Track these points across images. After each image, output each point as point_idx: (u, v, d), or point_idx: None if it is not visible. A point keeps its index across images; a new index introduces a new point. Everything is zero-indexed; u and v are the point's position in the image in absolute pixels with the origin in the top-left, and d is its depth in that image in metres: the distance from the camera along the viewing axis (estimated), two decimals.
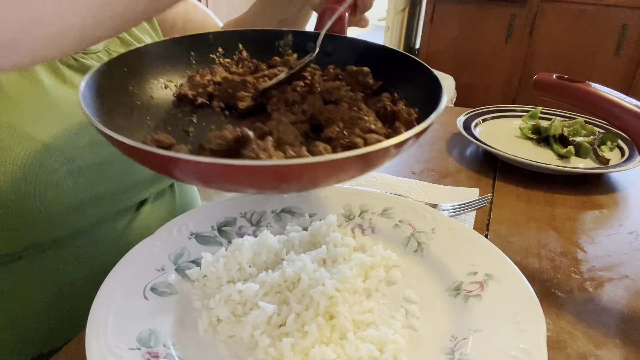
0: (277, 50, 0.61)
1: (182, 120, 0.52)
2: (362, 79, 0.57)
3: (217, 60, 0.58)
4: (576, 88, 0.55)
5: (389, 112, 0.51)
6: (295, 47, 0.61)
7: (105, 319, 0.44)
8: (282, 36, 0.61)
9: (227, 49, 0.58)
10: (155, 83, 0.53)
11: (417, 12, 3.50)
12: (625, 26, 2.56)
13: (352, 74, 0.57)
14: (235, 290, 0.48)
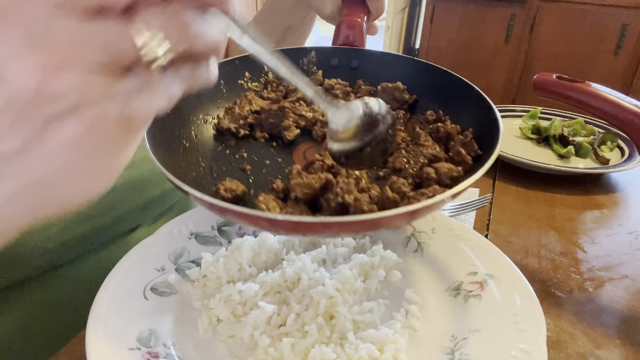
0: (302, 68, 0.61)
1: (232, 157, 0.51)
2: (398, 95, 0.56)
3: (245, 86, 0.58)
4: (576, 88, 0.55)
5: (443, 133, 0.50)
6: (320, 63, 0.61)
7: (105, 319, 0.44)
8: (306, 54, 0.61)
9: (253, 73, 0.58)
10: (195, 120, 0.52)
11: (416, 12, 3.50)
12: (625, 26, 2.56)
13: (387, 91, 0.56)
14: (235, 290, 0.48)
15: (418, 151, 0.47)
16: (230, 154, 0.51)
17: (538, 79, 0.58)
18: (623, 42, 2.60)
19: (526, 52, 2.85)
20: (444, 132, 0.50)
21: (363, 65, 0.61)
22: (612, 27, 2.60)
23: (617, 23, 2.58)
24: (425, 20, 3.07)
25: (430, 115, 0.54)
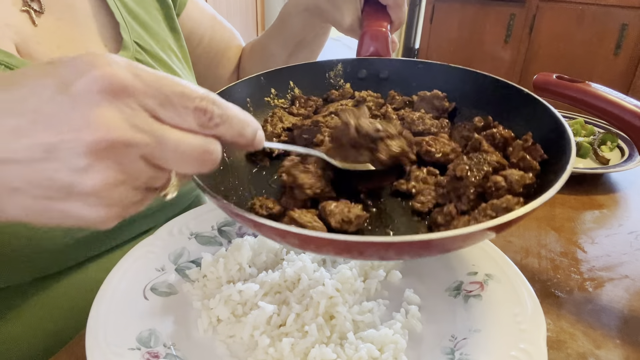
0: (329, 81, 0.59)
1: (270, 177, 0.50)
2: (438, 103, 0.54)
3: (272, 102, 0.56)
4: (576, 88, 0.55)
5: (500, 139, 0.47)
6: (347, 76, 0.59)
7: (105, 319, 0.44)
8: (332, 67, 0.59)
9: (279, 89, 0.57)
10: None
11: (416, 11, 3.50)
12: (625, 26, 2.56)
13: (426, 99, 0.55)
14: (235, 290, 0.48)
15: (481, 158, 0.44)
16: (267, 175, 0.50)
17: (538, 79, 0.58)
18: (623, 42, 2.60)
19: (526, 52, 2.85)
20: (501, 137, 0.47)
21: (393, 75, 0.59)
22: (612, 27, 2.60)
23: (616, 23, 2.58)
24: (425, 20, 3.07)
25: (479, 122, 0.50)
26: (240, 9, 3.59)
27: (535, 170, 0.43)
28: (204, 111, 0.30)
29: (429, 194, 0.44)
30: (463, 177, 0.42)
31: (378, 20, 0.62)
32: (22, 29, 0.55)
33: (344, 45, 3.29)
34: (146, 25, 0.67)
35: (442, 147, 0.48)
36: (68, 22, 0.60)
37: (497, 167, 0.44)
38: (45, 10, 0.57)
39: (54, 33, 0.58)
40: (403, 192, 0.45)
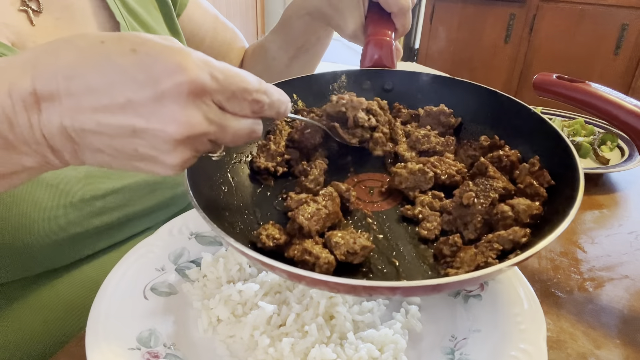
0: (333, 93, 0.57)
1: (274, 199, 0.49)
2: (444, 119, 0.53)
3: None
4: (576, 88, 0.55)
5: (507, 162, 0.46)
6: (351, 87, 0.58)
7: (105, 319, 0.44)
8: (336, 78, 0.58)
9: None
10: (229, 161, 0.50)
11: (416, 12, 3.50)
12: (625, 26, 2.56)
13: (432, 115, 0.54)
14: (235, 290, 0.48)
15: (488, 185, 0.43)
16: (272, 196, 0.50)
17: (538, 79, 0.58)
18: (623, 42, 2.60)
19: (526, 52, 2.85)
20: (508, 160, 0.46)
21: (397, 87, 0.58)
22: (612, 27, 2.60)
23: (616, 23, 2.58)
24: (425, 20, 3.07)
25: (485, 141, 0.50)
26: (240, 10, 3.59)
27: (543, 197, 0.42)
28: (258, 102, 0.36)
29: (434, 220, 0.44)
30: (470, 205, 0.42)
31: (382, 27, 0.61)
32: (20, 29, 0.55)
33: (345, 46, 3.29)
34: (146, 24, 0.67)
35: (448, 168, 0.48)
36: (66, 21, 0.59)
37: (503, 194, 0.43)
38: (43, 10, 0.57)
39: (52, 33, 0.58)
40: (409, 217, 0.45)
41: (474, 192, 0.43)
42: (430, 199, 0.46)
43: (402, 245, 0.43)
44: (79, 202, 0.54)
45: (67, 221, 0.54)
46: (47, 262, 0.55)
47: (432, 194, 0.47)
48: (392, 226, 0.45)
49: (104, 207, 0.57)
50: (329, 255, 0.39)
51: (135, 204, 0.62)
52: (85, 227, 0.56)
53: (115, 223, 0.60)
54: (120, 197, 0.59)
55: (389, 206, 0.47)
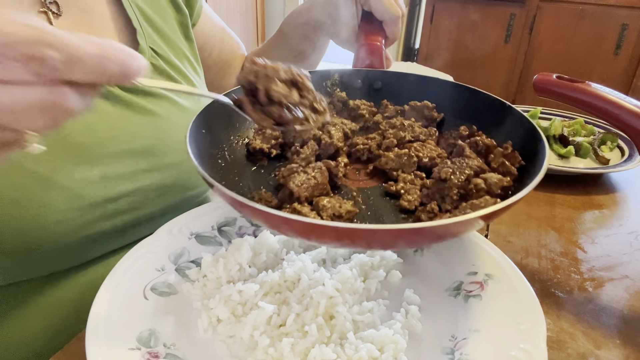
0: (325, 89, 0.63)
1: (268, 176, 0.53)
2: (427, 113, 0.58)
3: None
4: (576, 88, 0.55)
5: (482, 146, 0.51)
6: (343, 85, 0.63)
7: (105, 319, 0.44)
8: (329, 76, 0.63)
9: None
10: (227, 141, 0.54)
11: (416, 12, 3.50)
12: (625, 26, 2.56)
13: (416, 109, 0.59)
14: (235, 290, 0.48)
15: (464, 163, 0.48)
16: (265, 174, 0.53)
17: (538, 79, 0.58)
18: (623, 42, 2.60)
19: (526, 52, 2.85)
20: (483, 145, 0.51)
21: (386, 86, 0.63)
22: (612, 27, 2.60)
23: (616, 23, 2.58)
24: (425, 20, 3.07)
25: (464, 131, 0.55)
26: (241, 10, 3.58)
27: (513, 175, 0.47)
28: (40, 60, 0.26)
29: (414, 193, 0.48)
30: (447, 179, 0.46)
31: (374, 34, 0.66)
32: None
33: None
34: (162, 32, 0.68)
35: (429, 152, 0.52)
36: (85, 25, 0.60)
37: (478, 171, 0.48)
38: (63, 13, 0.58)
39: None
40: (392, 193, 0.49)
41: (451, 169, 0.47)
42: (412, 177, 0.50)
43: (385, 215, 0.47)
44: (92, 205, 0.55)
45: (80, 223, 0.54)
46: (58, 263, 0.56)
47: (414, 173, 0.51)
48: (376, 200, 0.49)
49: (116, 209, 0.58)
50: (316, 216, 0.42)
51: (146, 207, 0.62)
52: (97, 229, 0.56)
53: (126, 226, 0.61)
54: (132, 200, 0.59)
55: (374, 184, 0.52)
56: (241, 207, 0.36)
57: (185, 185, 0.67)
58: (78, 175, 0.53)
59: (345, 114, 0.62)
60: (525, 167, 0.48)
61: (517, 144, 0.50)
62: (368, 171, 0.54)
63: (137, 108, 0.60)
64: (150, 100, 0.62)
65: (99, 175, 0.55)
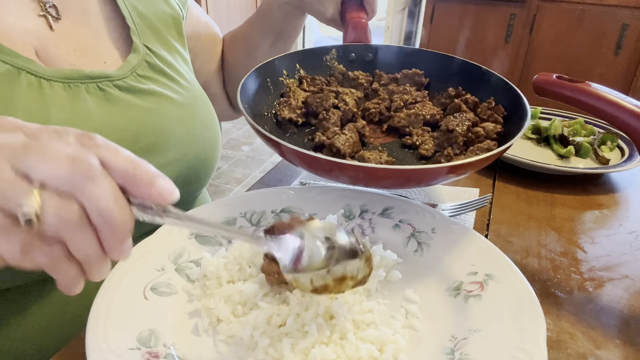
0: (325, 63, 0.73)
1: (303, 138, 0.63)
2: (417, 78, 0.71)
3: (285, 82, 0.69)
4: (576, 88, 0.55)
5: (471, 103, 0.64)
6: (340, 59, 0.73)
7: (105, 319, 0.44)
8: (328, 51, 0.73)
9: (289, 70, 0.70)
10: (263, 113, 0.65)
11: (416, 12, 3.50)
12: (625, 26, 2.56)
13: (408, 76, 0.71)
14: (235, 290, 0.48)
15: (463, 116, 0.61)
16: (300, 138, 0.64)
17: (538, 79, 0.58)
18: (623, 42, 2.60)
19: (526, 52, 2.85)
20: (472, 101, 0.64)
21: (376, 58, 0.74)
22: (612, 27, 2.60)
23: (617, 23, 2.58)
24: (425, 20, 3.07)
25: (452, 92, 0.67)
26: (241, 9, 3.58)
27: (500, 122, 0.61)
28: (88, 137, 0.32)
29: (429, 143, 0.60)
30: (453, 130, 0.59)
31: (357, 11, 0.74)
32: (41, 34, 0.56)
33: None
34: (155, 28, 0.68)
35: (430, 110, 0.64)
36: (82, 26, 0.61)
37: (474, 122, 0.61)
38: (62, 16, 0.59)
39: (70, 37, 0.59)
40: (409, 145, 0.62)
41: (455, 121, 0.60)
42: (421, 132, 0.62)
43: (409, 162, 0.59)
44: None
45: None
46: None
47: (422, 128, 0.63)
48: (397, 151, 0.62)
49: None
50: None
51: None
52: None
53: None
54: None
55: (391, 139, 0.65)
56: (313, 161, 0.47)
57: (185, 179, 0.67)
58: None
59: (346, 84, 0.71)
60: (507, 116, 0.61)
61: (497, 99, 0.63)
62: (383, 129, 0.65)
63: (136, 108, 0.60)
64: (147, 98, 0.62)
65: None
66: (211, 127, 0.71)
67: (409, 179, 0.49)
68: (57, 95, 0.54)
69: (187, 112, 0.66)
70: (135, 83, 0.61)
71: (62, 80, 0.55)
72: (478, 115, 0.62)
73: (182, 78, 0.69)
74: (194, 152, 0.67)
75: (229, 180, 2.85)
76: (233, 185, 2.80)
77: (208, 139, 0.70)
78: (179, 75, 0.68)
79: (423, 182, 0.55)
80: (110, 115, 0.57)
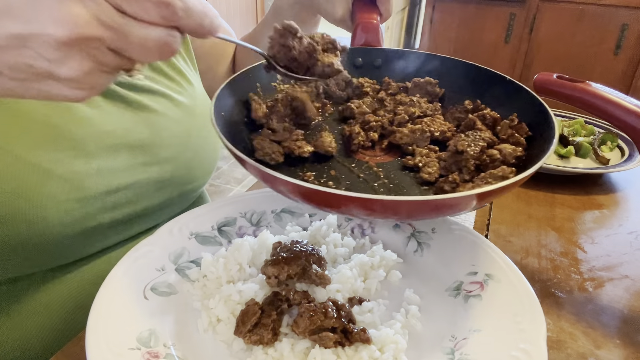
0: None
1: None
2: (430, 89, 0.61)
3: (277, 88, 0.60)
4: (576, 88, 0.55)
5: (489, 119, 0.54)
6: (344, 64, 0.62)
7: (105, 319, 0.44)
8: None
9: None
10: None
11: (416, 12, 3.50)
12: (625, 26, 2.56)
13: (420, 85, 0.61)
14: (235, 290, 0.48)
15: (477, 135, 0.50)
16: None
17: (538, 79, 0.58)
18: (623, 42, 2.60)
19: (526, 52, 2.85)
20: (491, 117, 0.54)
21: (386, 63, 0.65)
22: (612, 27, 2.60)
23: (616, 23, 2.58)
24: (425, 20, 3.07)
25: (469, 105, 0.57)
26: (241, 9, 3.58)
27: (523, 144, 0.50)
28: (167, 5, 0.32)
29: (434, 166, 0.49)
30: (464, 151, 0.48)
31: (369, 12, 0.67)
32: None
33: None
34: None
35: (439, 126, 0.55)
36: None
37: (490, 143, 0.50)
38: None
39: None
40: (410, 167, 0.51)
41: (466, 141, 0.49)
42: (427, 151, 0.52)
43: (407, 188, 0.48)
44: (91, 197, 0.55)
45: (80, 215, 0.54)
46: (58, 256, 0.56)
47: (428, 147, 0.53)
48: (396, 174, 0.51)
49: (116, 202, 0.58)
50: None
51: (145, 201, 0.63)
52: (97, 221, 0.57)
53: (125, 219, 0.61)
54: (130, 193, 0.60)
55: (390, 159, 0.53)
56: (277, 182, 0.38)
57: (182, 179, 0.67)
58: (76, 167, 0.53)
59: (349, 91, 0.63)
60: (532, 137, 0.50)
61: (521, 117, 0.52)
62: (383, 146, 0.55)
63: (133, 103, 0.60)
64: (146, 96, 0.62)
65: (97, 168, 0.55)
66: (210, 127, 0.71)
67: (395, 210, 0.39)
68: None
69: (185, 111, 0.66)
70: (132, 80, 0.61)
71: None
72: (497, 135, 0.52)
73: (182, 77, 0.69)
74: (191, 151, 0.67)
75: (229, 180, 2.85)
76: (233, 185, 2.80)
77: (207, 138, 0.70)
78: (179, 75, 0.68)
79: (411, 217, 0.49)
80: (103, 107, 0.57)
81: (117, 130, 0.58)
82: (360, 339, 0.43)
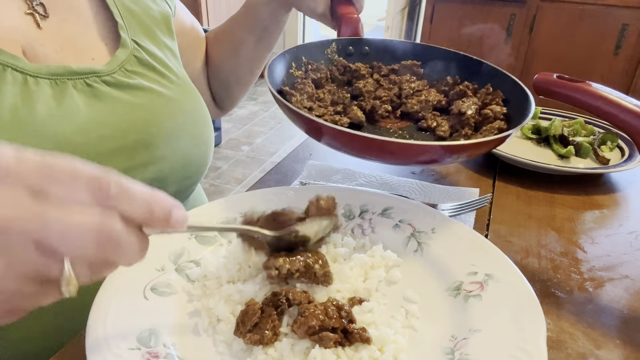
0: (327, 56, 0.76)
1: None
2: (415, 69, 0.75)
3: (293, 73, 0.71)
4: (576, 88, 0.55)
5: (472, 89, 0.70)
6: (339, 52, 0.77)
7: (105, 319, 0.44)
8: (329, 45, 0.76)
9: (297, 62, 0.72)
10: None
11: (416, 12, 3.50)
12: (625, 26, 2.56)
13: (407, 67, 0.75)
14: (235, 290, 0.48)
15: (470, 100, 0.66)
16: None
17: (538, 79, 0.58)
18: (623, 42, 2.60)
19: (526, 52, 2.86)
20: (472, 88, 0.70)
21: (372, 51, 0.78)
22: (612, 27, 2.60)
23: (617, 23, 2.58)
24: (425, 20, 3.07)
25: (450, 80, 0.72)
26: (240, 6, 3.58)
27: (501, 105, 0.66)
28: (99, 187, 0.29)
29: (445, 125, 0.64)
30: (465, 112, 0.64)
31: (347, 7, 0.77)
32: (28, 32, 0.56)
33: None
34: (144, 24, 0.68)
35: (435, 97, 0.69)
36: (70, 23, 0.61)
37: (480, 106, 0.66)
38: (49, 14, 0.59)
39: (57, 34, 0.59)
40: (425, 128, 0.66)
41: (465, 104, 0.65)
42: (433, 116, 0.67)
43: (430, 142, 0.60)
44: None
45: None
46: None
47: (432, 113, 0.68)
48: (416, 134, 0.66)
49: None
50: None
51: None
52: None
53: None
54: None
55: (405, 124, 0.69)
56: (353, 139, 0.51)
57: (179, 175, 0.68)
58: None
59: (348, 75, 0.74)
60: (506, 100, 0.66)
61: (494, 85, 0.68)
62: (397, 115, 0.70)
63: (125, 103, 0.60)
64: (136, 94, 0.62)
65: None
66: (202, 122, 0.71)
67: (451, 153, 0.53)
68: (43, 92, 0.53)
69: (176, 107, 0.66)
70: (124, 78, 0.61)
71: (48, 77, 0.54)
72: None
73: (171, 73, 0.69)
74: (185, 147, 0.67)
75: (229, 180, 2.86)
76: (233, 185, 2.80)
77: (199, 133, 0.70)
78: (168, 70, 0.69)
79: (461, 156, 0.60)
80: (98, 111, 0.57)
81: (114, 134, 0.58)
82: (360, 339, 0.43)
